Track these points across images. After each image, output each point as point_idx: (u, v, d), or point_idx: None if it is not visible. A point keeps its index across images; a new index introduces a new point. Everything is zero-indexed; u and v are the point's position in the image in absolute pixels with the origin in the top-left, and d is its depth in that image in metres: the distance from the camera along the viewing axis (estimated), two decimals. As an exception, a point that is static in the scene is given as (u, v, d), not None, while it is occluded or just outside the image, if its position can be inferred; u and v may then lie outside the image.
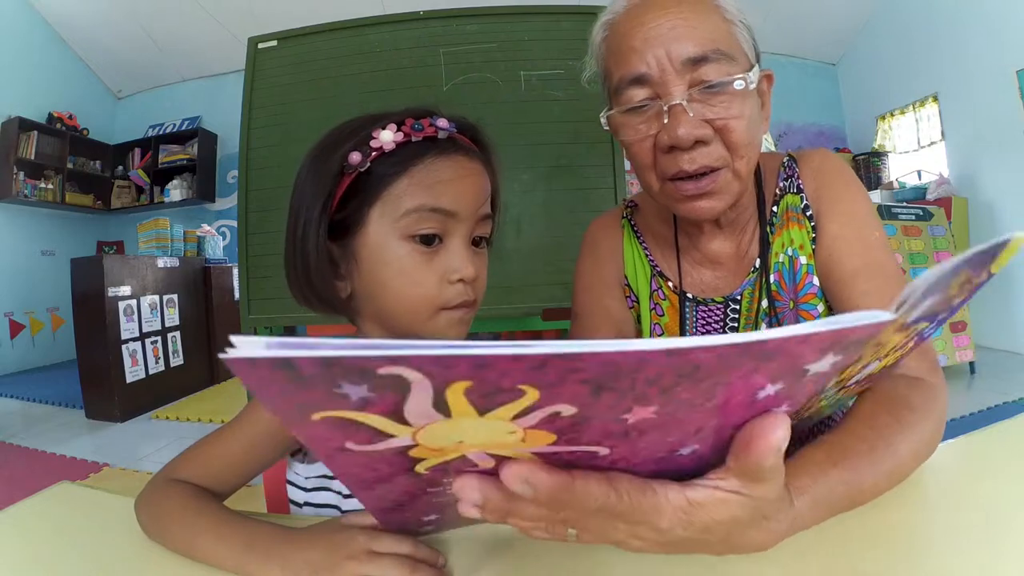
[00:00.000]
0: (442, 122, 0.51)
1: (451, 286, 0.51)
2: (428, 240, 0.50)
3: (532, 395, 0.19)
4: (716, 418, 0.24)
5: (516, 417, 0.21)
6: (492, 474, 0.26)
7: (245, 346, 0.16)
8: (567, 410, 0.21)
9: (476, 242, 0.54)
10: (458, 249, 0.51)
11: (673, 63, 0.53)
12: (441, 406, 0.19)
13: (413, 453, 0.24)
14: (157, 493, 0.49)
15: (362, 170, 0.49)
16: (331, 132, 0.54)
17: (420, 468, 0.26)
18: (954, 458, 0.47)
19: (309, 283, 0.52)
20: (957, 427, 0.69)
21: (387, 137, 0.49)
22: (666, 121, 0.54)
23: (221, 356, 0.16)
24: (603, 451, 0.24)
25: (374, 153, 0.49)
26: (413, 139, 0.50)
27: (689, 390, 0.21)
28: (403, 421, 0.20)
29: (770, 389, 0.23)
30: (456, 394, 0.19)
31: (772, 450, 0.25)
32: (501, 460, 0.25)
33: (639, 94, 0.56)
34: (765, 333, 0.19)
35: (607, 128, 0.61)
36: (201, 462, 0.52)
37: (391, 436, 0.22)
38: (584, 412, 0.21)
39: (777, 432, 0.25)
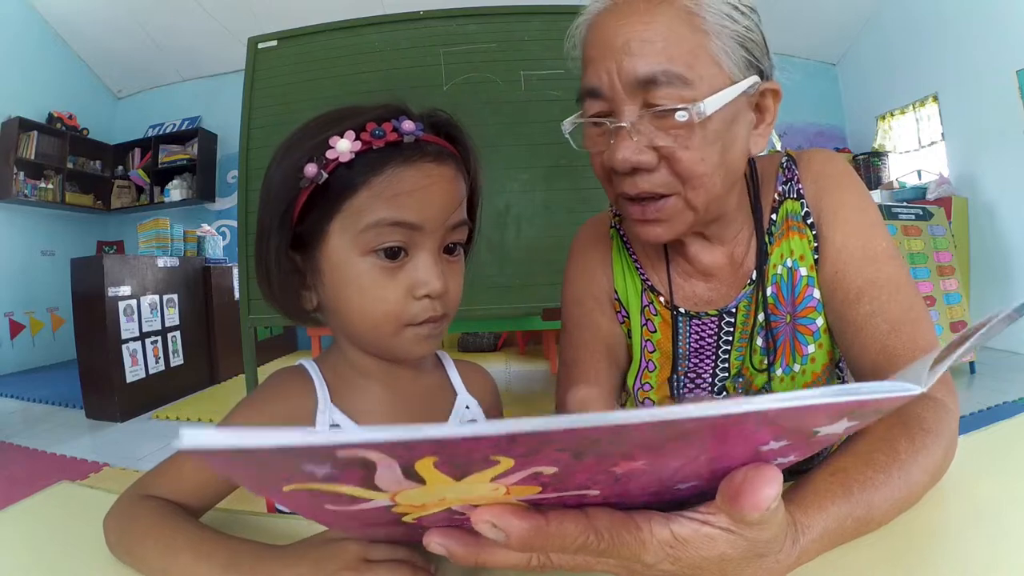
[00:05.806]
0: (407, 125, 0.46)
1: (417, 302, 0.48)
2: (393, 254, 0.47)
3: (506, 463, 0.18)
4: (713, 464, 0.23)
5: (495, 479, 0.19)
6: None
7: (194, 437, 0.14)
8: (548, 470, 0.19)
9: (451, 249, 0.50)
10: (425, 263, 0.47)
11: (623, 81, 0.50)
12: (412, 476, 0.18)
13: (396, 510, 0.23)
14: (129, 510, 0.45)
15: (319, 183, 0.46)
16: (298, 130, 0.50)
17: (407, 519, 0.25)
18: (954, 458, 0.46)
19: (272, 294, 0.51)
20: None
21: (344, 147, 0.45)
22: (612, 141, 0.51)
23: (174, 444, 0.14)
24: (593, 492, 0.23)
25: (330, 164, 0.45)
26: (374, 147, 0.45)
27: (681, 448, 0.20)
28: (376, 489, 0.19)
29: (773, 444, 0.22)
30: (426, 466, 0.18)
31: (760, 508, 0.24)
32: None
33: (593, 107, 0.53)
34: (766, 402, 0.17)
35: (567, 135, 0.56)
36: (175, 477, 0.48)
37: (368, 500, 0.21)
38: (566, 471, 0.20)
39: (767, 490, 0.23)
